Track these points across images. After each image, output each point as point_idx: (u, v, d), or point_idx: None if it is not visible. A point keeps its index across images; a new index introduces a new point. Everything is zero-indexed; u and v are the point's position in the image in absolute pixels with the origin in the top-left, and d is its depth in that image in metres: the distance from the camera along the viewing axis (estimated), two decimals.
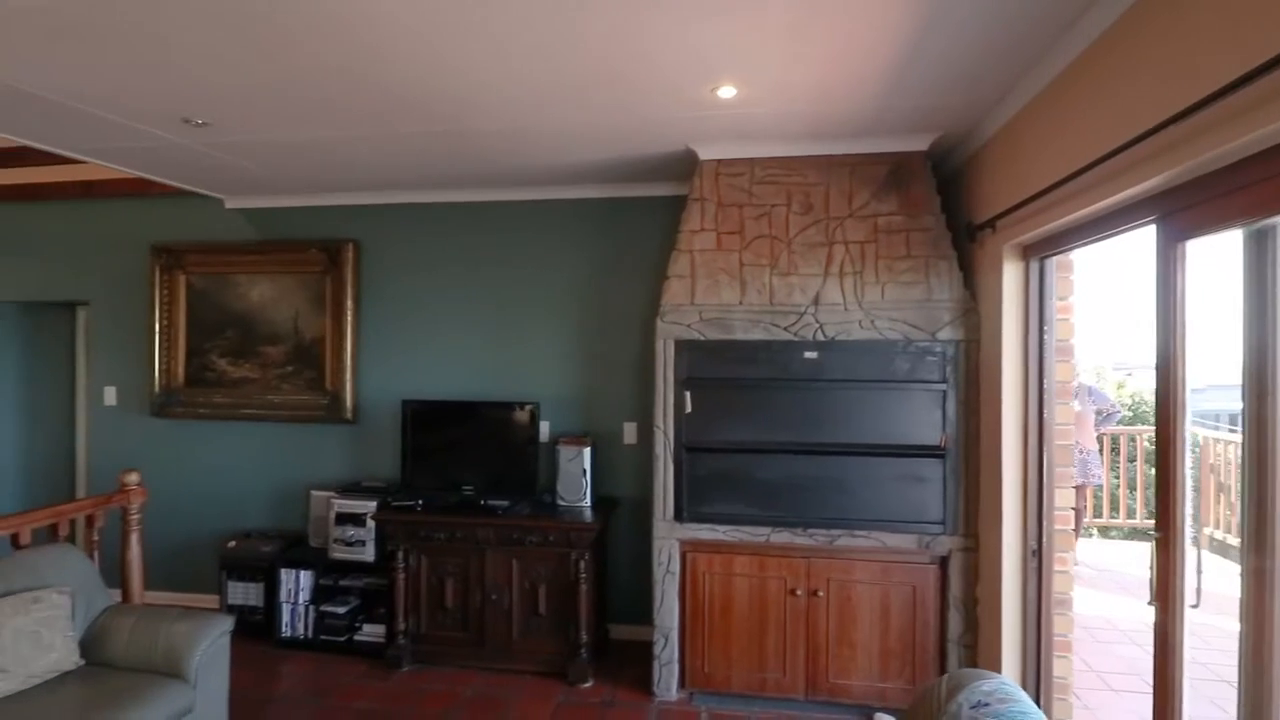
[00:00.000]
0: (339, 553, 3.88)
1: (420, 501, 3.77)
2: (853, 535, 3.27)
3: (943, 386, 3.21)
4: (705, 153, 3.40)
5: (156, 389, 4.61)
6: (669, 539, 3.40)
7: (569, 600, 3.60)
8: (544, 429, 4.08)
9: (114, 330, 4.75)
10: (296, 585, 3.93)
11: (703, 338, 3.36)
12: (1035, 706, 1.72)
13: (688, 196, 3.50)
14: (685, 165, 3.66)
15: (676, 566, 3.40)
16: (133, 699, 2.53)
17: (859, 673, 3.30)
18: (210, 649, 2.83)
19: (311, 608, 3.92)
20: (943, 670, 3.22)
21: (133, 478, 3.47)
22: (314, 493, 4.14)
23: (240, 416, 4.52)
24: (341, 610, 3.87)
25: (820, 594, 3.30)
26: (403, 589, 3.71)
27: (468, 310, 4.29)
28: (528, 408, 3.90)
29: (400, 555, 3.71)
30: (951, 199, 3.46)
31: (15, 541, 3.03)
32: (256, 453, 4.54)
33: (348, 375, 4.38)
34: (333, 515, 3.89)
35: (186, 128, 3.14)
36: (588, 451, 3.83)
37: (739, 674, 3.36)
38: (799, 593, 3.31)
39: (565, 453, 3.83)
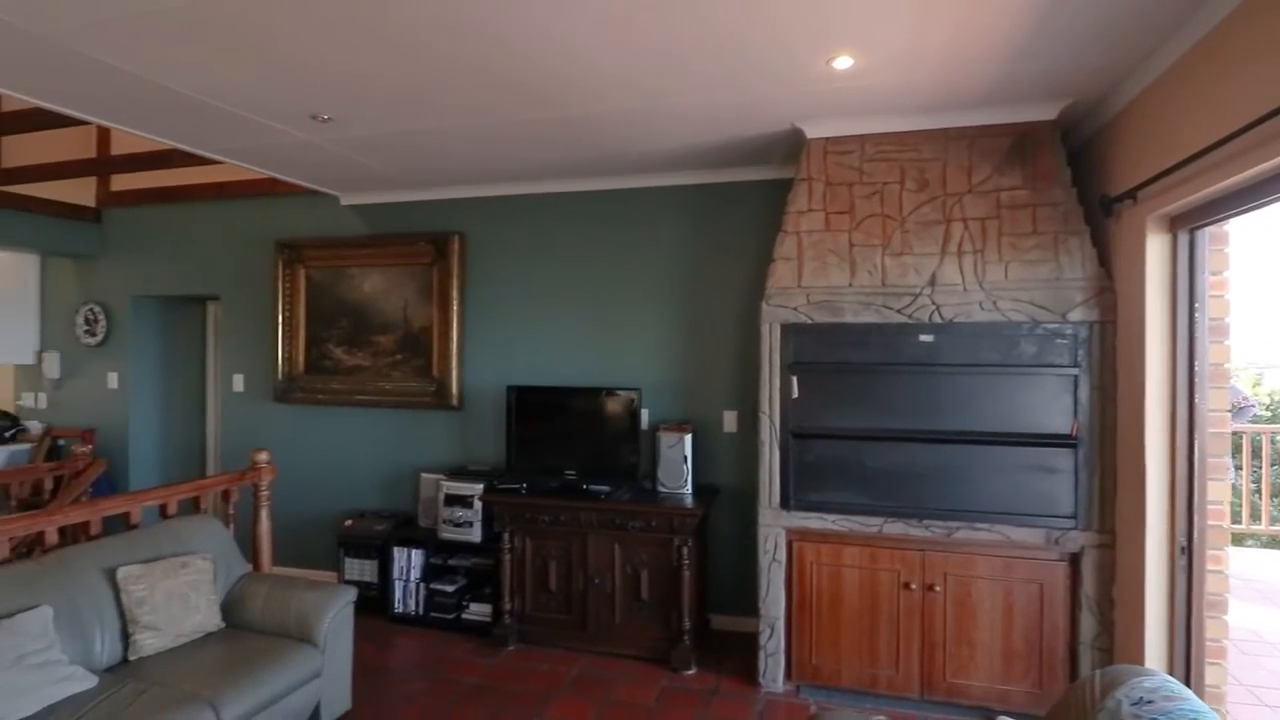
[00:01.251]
0: (447, 533, 4.01)
1: (524, 485, 3.85)
2: (973, 528, 3.10)
3: (1074, 371, 3.00)
4: (813, 131, 3.31)
5: (279, 376, 4.90)
6: (775, 526, 3.33)
7: (671, 586, 3.59)
8: (643, 416, 4.08)
9: (242, 322, 5.09)
10: (408, 563, 4.09)
11: (810, 321, 3.27)
12: (1205, 705, 1.57)
13: (794, 177, 3.42)
14: (789, 146, 3.58)
15: (783, 555, 3.33)
16: (272, 660, 2.69)
17: (979, 673, 3.13)
18: (337, 617, 2.98)
19: (422, 585, 4.07)
20: (1074, 675, 3.01)
21: (263, 456, 3.70)
22: (423, 475, 4.29)
23: (354, 402, 4.75)
24: (450, 589, 4.00)
25: (937, 589, 3.15)
26: (509, 570, 3.79)
27: (568, 298, 4.35)
28: (629, 394, 3.91)
29: (506, 537, 3.79)
30: (1080, 172, 3.23)
31: (163, 511, 3.28)
32: (369, 437, 4.76)
33: (453, 363, 4.52)
34: (441, 497, 4.03)
35: (313, 124, 3.31)
36: (688, 438, 3.80)
37: (849, 669, 3.25)
38: (913, 587, 3.17)
39: (666, 439, 3.82)
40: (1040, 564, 3.06)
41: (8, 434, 5.27)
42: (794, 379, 3.30)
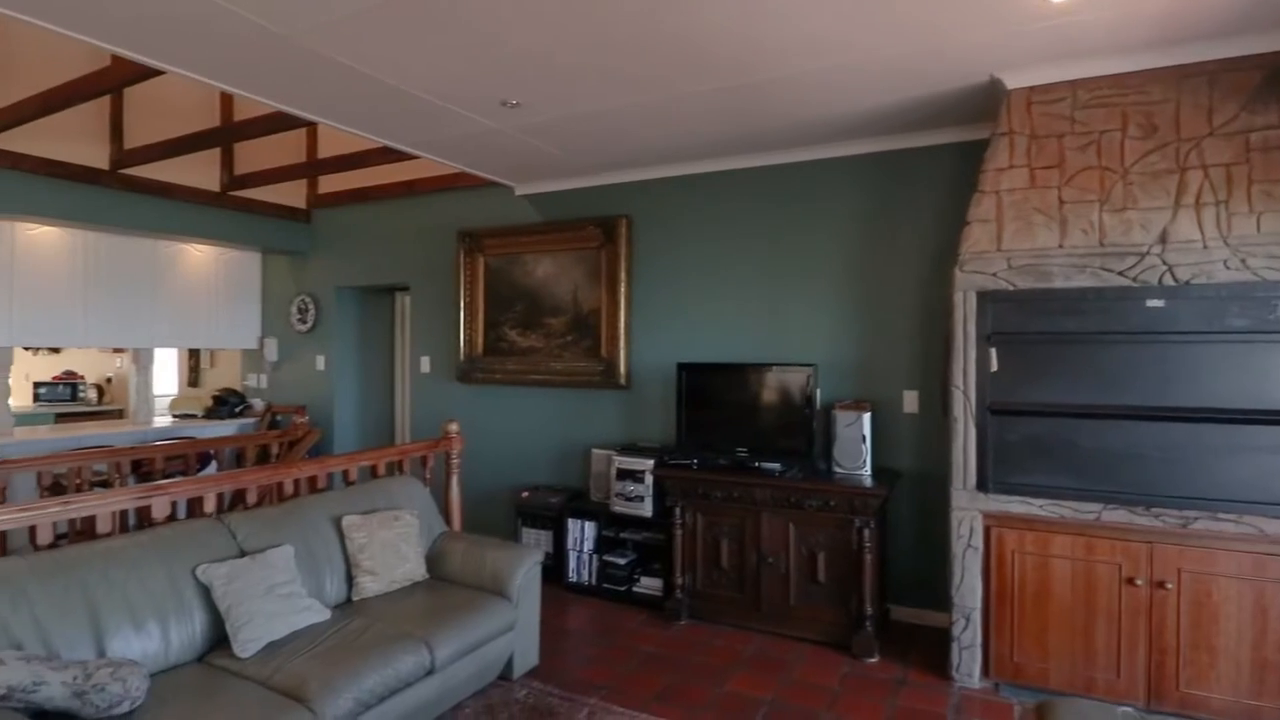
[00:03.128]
0: (619, 506, 4.10)
1: (695, 461, 3.85)
2: (1214, 519, 2.71)
3: None
4: (1014, 80, 3.04)
5: (461, 358, 5.25)
6: (970, 510, 3.09)
7: (850, 570, 3.44)
8: (816, 395, 3.95)
9: (428, 308, 5.51)
10: (581, 535, 4.23)
11: (1012, 287, 3.01)
12: None
13: (988, 136, 3.17)
14: (982, 101, 3.31)
15: (979, 541, 3.09)
16: (474, 609, 2.86)
17: (1221, 685, 2.73)
18: (527, 575, 3.13)
19: (594, 557, 4.19)
20: None
21: (453, 427, 3.96)
22: (594, 451, 4.42)
23: (528, 382, 4.98)
24: (621, 561, 4.08)
25: (1168, 586, 2.79)
26: (680, 545, 3.81)
27: (737, 276, 4.30)
28: (803, 371, 3.80)
29: (678, 512, 3.81)
30: None
31: (374, 472, 3.60)
32: (540, 414, 4.97)
33: (621, 343, 4.62)
34: (613, 471, 4.13)
35: (502, 111, 3.50)
36: (867, 417, 3.63)
37: (1059, 669, 2.96)
38: (1139, 582, 2.83)
39: (842, 418, 3.67)
40: None
41: (237, 409, 6.04)
42: (993, 351, 3.05)
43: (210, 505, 2.85)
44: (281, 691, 2.22)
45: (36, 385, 7.27)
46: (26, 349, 7.21)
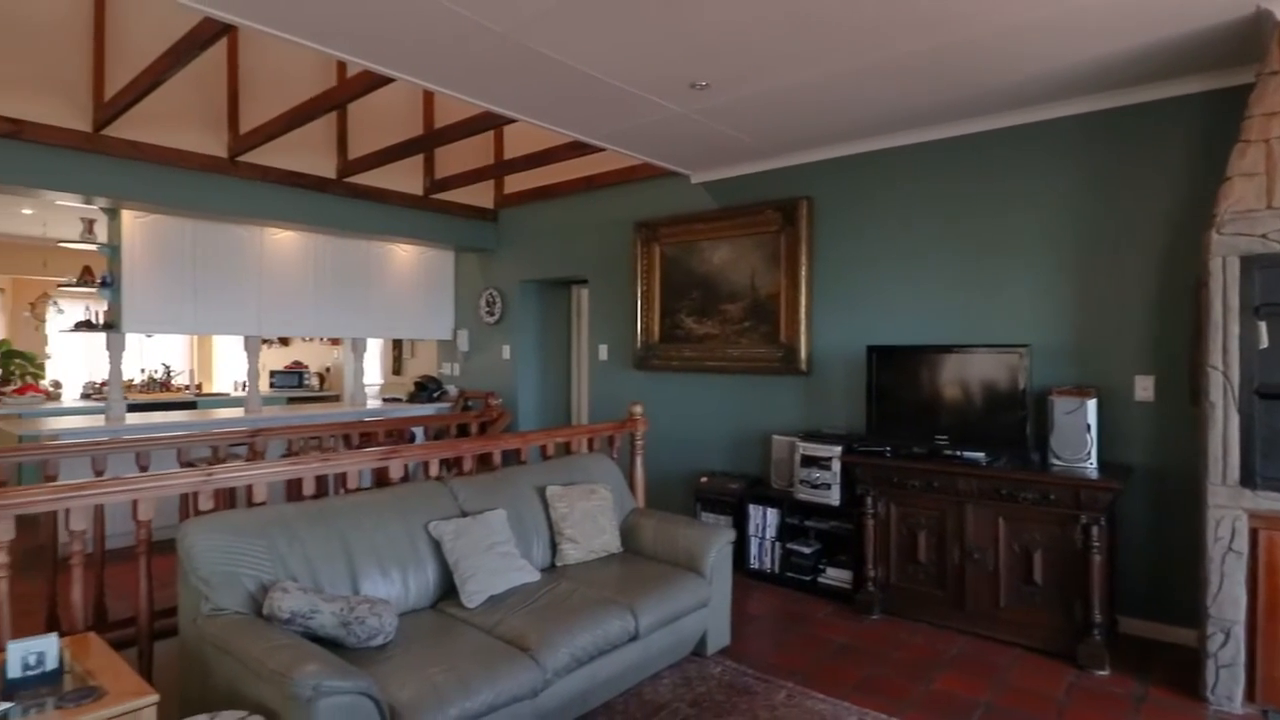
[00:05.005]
0: (803, 494, 4.00)
1: (888, 448, 3.67)
2: None
3: None
4: None
5: (637, 345, 5.38)
6: (1231, 509, 2.68)
7: (1073, 572, 3.11)
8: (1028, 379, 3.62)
9: (605, 298, 5.70)
10: (763, 521, 4.17)
11: None
12: None
13: (1258, 73, 2.73)
14: (1239, 41, 2.86)
15: (1243, 545, 2.67)
16: (670, 582, 2.91)
17: None
18: (719, 554, 3.13)
19: (777, 544, 4.11)
20: None
21: (638, 409, 4.06)
22: (775, 437, 4.35)
23: (704, 368, 5.01)
24: (806, 550, 3.98)
25: None
26: (872, 536, 3.65)
27: (929, 254, 4.05)
28: (1013, 353, 3.49)
29: (869, 501, 3.65)
30: None
31: (568, 448, 3.77)
32: (716, 401, 4.98)
33: (801, 328, 4.51)
34: (797, 458, 4.03)
35: (689, 94, 3.53)
36: (1091, 404, 3.27)
37: None
38: None
39: (1061, 404, 3.33)
40: None
41: (435, 394, 6.60)
42: (1262, 325, 2.63)
43: (434, 470, 3.11)
44: (505, 640, 2.37)
45: (272, 373, 8.37)
46: (264, 341, 8.33)
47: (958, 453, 3.50)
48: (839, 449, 3.86)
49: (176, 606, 2.30)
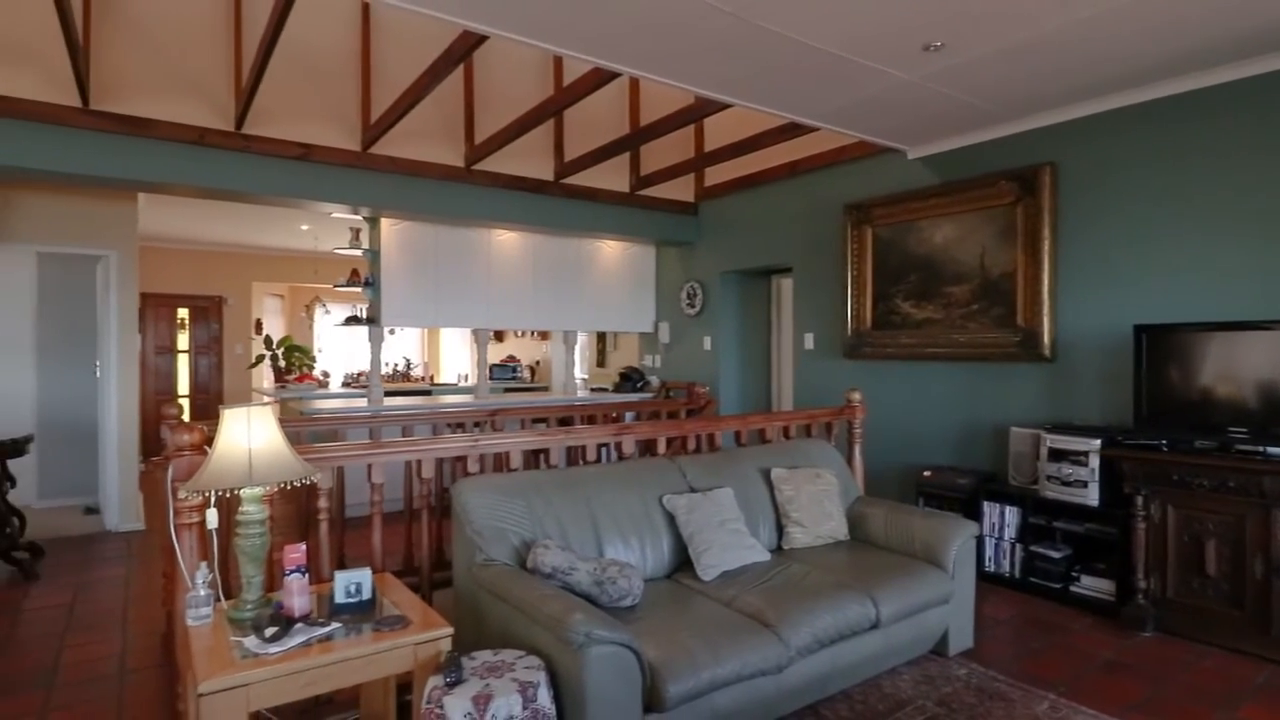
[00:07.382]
0: (1051, 492, 3.59)
1: (1165, 441, 3.19)
2: None
3: None
4: None
5: (848, 333, 5.17)
6: None
7: None
8: None
9: (811, 286, 5.55)
10: (1000, 521, 3.82)
11: None
12: None
13: None
14: None
15: None
16: (908, 573, 2.75)
17: None
18: (962, 547, 2.91)
19: (1018, 546, 3.74)
20: None
21: (856, 395, 3.89)
22: (1014, 429, 3.96)
23: (924, 356, 4.69)
24: (1055, 555, 3.58)
25: None
26: (1143, 542, 3.19)
27: (1215, 216, 3.46)
28: None
29: (1140, 502, 3.20)
30: None
31: (786, 433, 3.71)
32: (938, 390, 4.64)
33: (1044, 309, 4.06)
34: (1044, 452, 3.63)
35: (921, 57, 3.31)
36: None
37: None
38: None
39: None
40: None
41: (639, 384, 6.83)
42: None
43: (661, 448, 3.20)
44: (746, 614, 2.37)
45: (491, 366, 9.17)
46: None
47: (1261, 448, 2.95)
48: (1097, 442, 3.42)
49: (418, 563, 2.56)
